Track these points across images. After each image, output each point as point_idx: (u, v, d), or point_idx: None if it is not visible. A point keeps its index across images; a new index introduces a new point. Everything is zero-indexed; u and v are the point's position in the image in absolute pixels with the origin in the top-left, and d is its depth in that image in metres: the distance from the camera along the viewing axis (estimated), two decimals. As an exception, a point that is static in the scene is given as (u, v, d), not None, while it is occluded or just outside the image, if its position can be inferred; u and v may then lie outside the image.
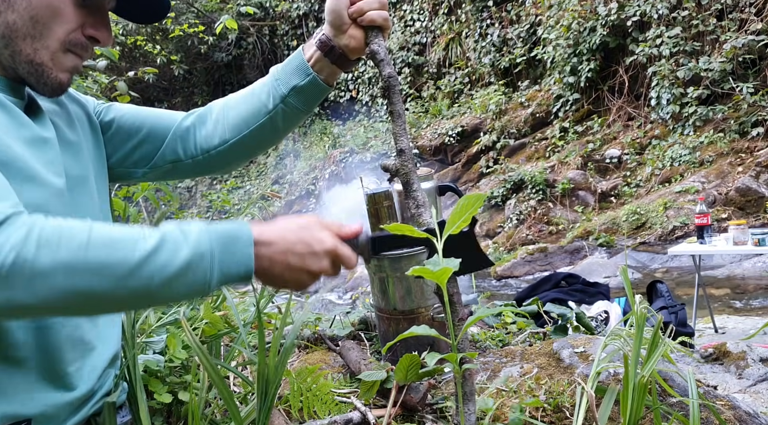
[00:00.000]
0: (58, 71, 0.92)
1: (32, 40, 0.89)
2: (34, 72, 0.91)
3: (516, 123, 11.31)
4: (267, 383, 1.14)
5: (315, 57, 1.08)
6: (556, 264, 8.15)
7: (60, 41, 0.91)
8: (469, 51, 12.91)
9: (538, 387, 1.37)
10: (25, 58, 0.90)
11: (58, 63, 0.92)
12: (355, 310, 2.14)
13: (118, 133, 1.13)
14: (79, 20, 0.92)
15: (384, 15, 1.05)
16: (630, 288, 1.22)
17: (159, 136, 1.15)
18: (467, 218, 0.92)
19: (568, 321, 1.91)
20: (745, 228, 4.48)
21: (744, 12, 9.02)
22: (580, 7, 10.23)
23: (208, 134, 1.15)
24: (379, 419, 1.30)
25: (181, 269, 0.76)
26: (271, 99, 1.10)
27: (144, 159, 1.15)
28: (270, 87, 1.11)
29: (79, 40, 0.93)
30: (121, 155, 1.14)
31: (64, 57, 0.92)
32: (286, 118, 1.12)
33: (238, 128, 1.13)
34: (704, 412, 1.21)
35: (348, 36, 1.06)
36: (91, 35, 0.94)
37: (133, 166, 1.15)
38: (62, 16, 0.90)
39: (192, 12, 14.63)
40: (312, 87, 1.10)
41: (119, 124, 1.13)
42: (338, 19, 1.06)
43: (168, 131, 1.15)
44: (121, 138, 1.13)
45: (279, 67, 1.12)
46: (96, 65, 3.11)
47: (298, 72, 1.09)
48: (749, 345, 2.50)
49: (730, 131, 8.70)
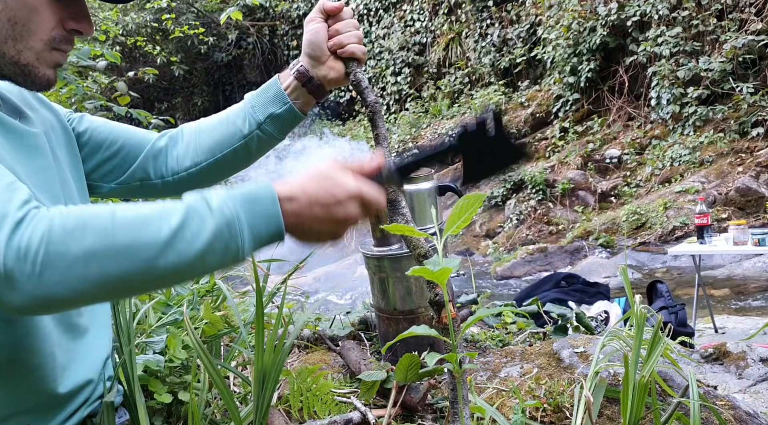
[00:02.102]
0: (45, 69, 0.92)
1: (14, 42, 0.88)
2: (21, 73, 0.91)
3: (516, 123, 11.31)
4: (264, 382, 1.14)
5: (292, 86, 1.11)
6: (556, 265, 8.15)
7: (43, 41, 0.90)
8: (469, 51, 12.91)
9: (538, 387, 1.37)
10: (10, 59, 0.89)
11: (44, 61, 0.92)
12: (355, 310, 2.14)
13: (88, 144, 1.13)
14: (57, 15, 0.91)
15: (362, 49, 1.09)
16: (630, 288, 1.22)
17: (131, 153, 1.15)
18: (467, 218, 0.92)
19: (568, 322, 1.92)
20: (745, 228, 4.48)
21: (744, 12, 9.02)
22: (580, 7, 10.23)
23: (179, 156, 1.16)
24: (379, 419, 1.30)
25: (210, 240, 0.74)
26: (247, 124, 1.13)
27: (112, 173, 1.15)
28: (246, 113, 1.13)
29: (62, 36, 0.92)
30: (90, 167, 1.13)
31: (49, 54, 0.92)
32: (260, 145, 1.15)
33: (211, 151, 1.15)
34: (704, 412, 1.21)
35: (327, 67, 1.10)
36: (73, 28, 0.93)
37: (100, 179, 1.15)
38: (40, 14, 0.89)
39: (192, 12, 14.63)
40: (288, 115, 1.12)
41: (92, 136, 1.14)
42: (317, 51, 1.09)
43: (141, 149, 1.16)
44: (92, 149, 1.13)
45: (254, 95, 1.15)
46: (96, 65, 3.11)
47: (275, 100, 1.12)
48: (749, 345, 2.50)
49: (730, 131, 8.70)
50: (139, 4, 14.07)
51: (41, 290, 0.68)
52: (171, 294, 1.64)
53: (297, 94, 1.12)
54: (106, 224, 0.71)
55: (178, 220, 0.74)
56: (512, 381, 1.41)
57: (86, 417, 1.01)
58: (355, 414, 1.33)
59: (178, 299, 1.60)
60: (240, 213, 0.77)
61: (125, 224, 0.72)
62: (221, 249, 0.76)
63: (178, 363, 1.33)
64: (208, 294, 1.74)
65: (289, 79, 1.11)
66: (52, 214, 0.70)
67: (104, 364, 1.07)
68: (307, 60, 1.10)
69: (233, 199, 0.78)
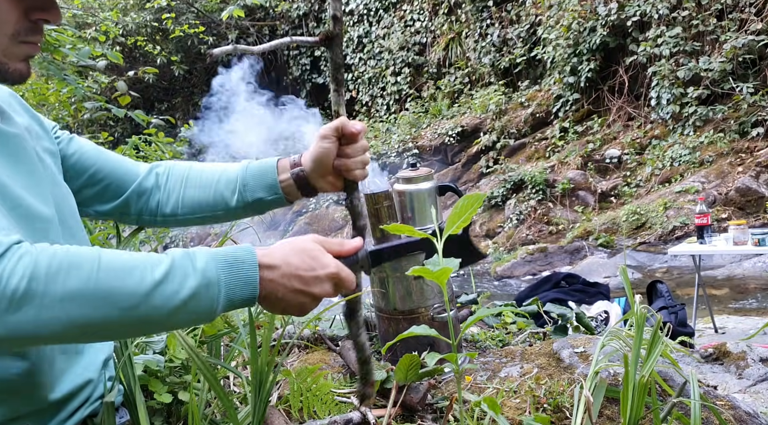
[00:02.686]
0: (15, 63, 0.90)
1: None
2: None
3: (516, 123, 11.31)
4: (261, 380, 1.14)
5: (287, 182, 1.15)
6: (556, 264, 8.15)
7: (8, 36, 0.88)
8: (469, 51, 12.91)
9: (538, 387, 1.37)
10: None
11: (12, 56, 0.89)
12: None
13: (73, 168, 1.12)
14: (19, 7, 0.88)
15: (365, 174, 1.12)
16: (630, 288, 1.22)
17: (114, 187, 1.16)
18: (467, 218, 0.92)
19: (568, 321, 1.92)
20: (745, 228, 4.48)
21: (744, 12, 9.02)
22: (580, 7, 10.23)
23: (161, 201, 1.18)
24: (379, 419, 1.30)
25: (188, 298, 0.76)
26: (234, 200, 1.16)
27: (91, 201, 1.16)
28: (236, 188, 1.16)
29: (28, 27, 0.89)
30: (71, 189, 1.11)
31: (17, 48, 0.89)
32: (241, 215, 1.20)
33: (191, 208, 1.18)
34: (704, 412, 1.21)
35: (326, 181, 1.13)
36: (39, 18, 0.90)
37: (78, 203, 1.12)
38: (1, 9, 0.86)
39: (192, 12, 14.63)
40: (275, 203, 1.17)
41: (78, 160, 1.13)
42: (322, 168, 1.11)
43: (126, 187, 1.17)
44: (76, 173, 1.13)
45: (250, 172, 1.16)
46: (96, 65, 3.11)
47: (268, 189, 1.15)
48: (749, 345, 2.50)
49: (730, 131, 8.70)
50: (139, 4, 14.08)
51: (13, 326, 0.67)
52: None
53: (289, 191, 1.15)
54: (91, 268, 0.71)
55: (161, 274, 0.75)
56: (512, 381, 1.41)
57: (87, 416, 1.01)
58: (355, 414, 1.33)
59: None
60: (221, 276, 0.79)
61: (110, 271, 0.72)
62: (195, 308, 0.77)
63: (178, 363, 1.33)
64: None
65: (287, 175, 1.14)
66: (37, 251, 0.70)
67: (105, 364, 1.07)
68: (309, 169, 1.12)
69: (217, 261, 0.80)
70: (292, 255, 0.86)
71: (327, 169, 1.10)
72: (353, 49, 14.91)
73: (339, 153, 1.09)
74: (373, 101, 14.63)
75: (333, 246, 0.92)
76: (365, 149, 1.11)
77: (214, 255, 0.80)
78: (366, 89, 14.71)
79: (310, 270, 0.86)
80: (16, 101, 1.06)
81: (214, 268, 0.79)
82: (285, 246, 0.88)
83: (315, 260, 0.87)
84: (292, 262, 0.85)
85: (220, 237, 1.79)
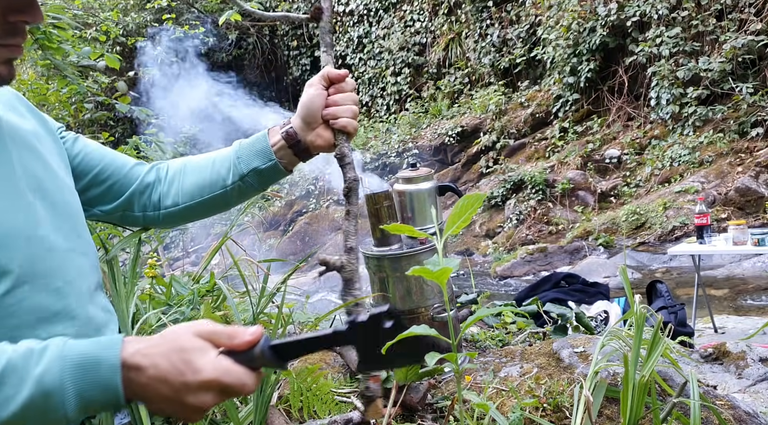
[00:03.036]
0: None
1: None
2: None
3: (516, 123, 11.31)
4: (261, 380, 1.14)
5: (279, 144, 1.11)
6: (555, 264, 8.16)
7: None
8: (469, 51, 12.91)
9: (537, 386, 1.37)
10: None
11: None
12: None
13: (78, 168, 1.11)
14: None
15: (354, 124, 1.08)
16: (629, 288, 1.22)
17: (118, 186, 1.15)
18: (467, 218, 0.92)
19: (568, 321, 1.92)
20: (744, 228, 4.49)
21: (744, 12, 9.02)
22: (580, 8, 10.23)
23: (163, 194, 1.16)
24: (379, 419, 1.30)
25: (23, 407, 0.69)
26: (230, 175, 1.13)
27: (97, 200, 1.14)
28: (231, 163, 1.14)
29: (6, 29, 0.86)
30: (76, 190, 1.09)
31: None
32: (240, 194, 1.16)
33: (191, 194, 1.15)
34: (704, 412, 1.21)
35: (316, 134, 1.09)
36: (18, 19, 0.86)
37: (85, 203, 1.11)
38: None
39: (192, 12, 14.63)
40: (271, 171, 1.13)
41: (83, 160, 1.12)
42: (310, 117, 1.08)
43: (130, 184, 1.15)
44: (81, 173, 1.11)
45: (243, 145, 1.14)
46: (96, 65, 3.11)
47: (260, 155, 1.12)
48: (749, 345, 2.50)
49: (730, 131, 8.70)
50: (140, 4, 14.08)
51: None
52: (171, 294, 1.64)
53: (283, 154, 1.11)
54: None
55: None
56: (512, 381, 1.41)
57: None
58: (355, 413, 1.33)
59: (178, 299, 1.61)
60: (66, 382, 0.70)
61: None
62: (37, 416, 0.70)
63: (179, 363, 1.33)
64: (208, 293, 1.74)
65: (277, 136, 1.11)
66: None
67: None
68: (298, 122, 1.10)
69: (63, 364, 0.71)
70: (161, 358, 0.73)
71: (315, 118, 1.07)
72: (353, 49, 14.92)
73: (328, 102, 1.07)
74: (373, 101, 14.63)
75: (222, 338, 0.76)
76: (354, 100, 1.09)
77: (63, 354, 0.72)
78: (366, 89, 14.71)
79: (179, 375, 0.72)
80: (21, 103, 1.05)
81: (58, 372, 0.70)
82: (162, 342, 0.75)
83: (187, 364, 0.73)
84: (160, 365, 0.73)
85: (220, 237, 1.79)
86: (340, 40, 14.90)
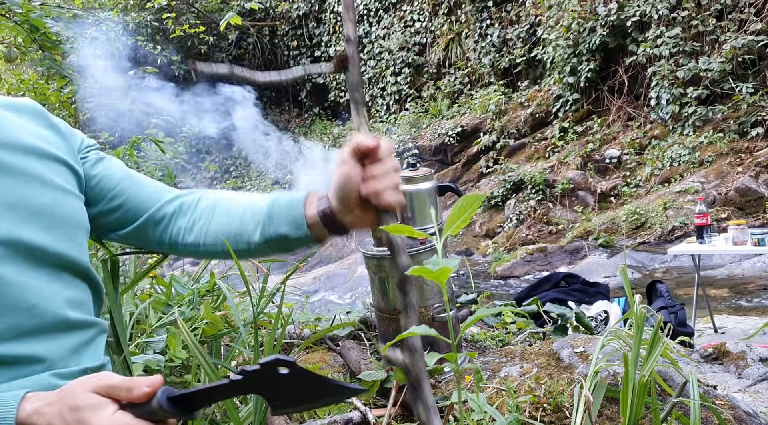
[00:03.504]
0: None
1: None
2: None
3: (516, 123, 11.32)
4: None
5: (314, 220, 1.00)
6: (555, 264, 8.16)
7: None
8: (469, 51, 12.92)
9: (537, 386, 1.37)
10: None
11: None
12: (355, 310, 2.14)
13: (93, 191, 1.05)
14: None
15: (400, 198, 0.91)
16: (629, 288, 1.22)
17: (132, 212, 1.08)
18: (467, 218, 0.92)
19: (568, 321, 1.92)
20: (744, 228, 4.48)
21: (744, 12, 9.02)
22: (580, 8, 10.24)
23: (185, 228, 1.09)
24: (379, 419, 1.30)
25: None
26: (257, 233, 1.05)
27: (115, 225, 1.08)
28: (262, 222, 1.05)
29: None
30: (94, 213, 1.05)
31: None
32: (263, 252, 1.08)
33: (214, 241, 1.07)
34: (704, 412, 1.21)
35: (355, 216, 0.96)
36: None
37: (105, 227, 1.07)
38: None
39: (192, 12, 14.63)
40: (301, 242, 1.04)
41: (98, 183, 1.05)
42: (346, 200, 0.94)
43: (144, 211, 1.08)
44: (96, 196, 1.06)
45: (278, 204, 1.04)
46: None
47: (293, 224, 1.02)
48: (749, 345, 2.50)
49: (730, 131, 8.71)
50: (140, 4, 14.09)
51: None
52: (171, 294, 1.64)
53: (317, 229, 1.01)
54: None
55: None
56: (512, 381, 1.41)
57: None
58: (355, 413, 1.33)
59: (178, 299, 1.61)
60: None
61: None
62: None
63: (179, 363, 1.33)
64: (208, 293, 1.74)
65: (313, 211, 1.00)
66: None
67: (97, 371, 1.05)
68: (335, 203, 0.96)
69: None
70: (56, 415, 0.72)
71: (352, 198, 0.92)
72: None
73: (365, 177, 0.91)
74: (373, 101, 14.64)
75: (121, 392, 0.73)
76: (396, 168, 0.92)
77: None
78: (366, 89, 14.71)
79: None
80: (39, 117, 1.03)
81: None
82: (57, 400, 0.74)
83: (81, 423, 0.71)
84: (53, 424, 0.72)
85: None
86: (340, 40, 14.90)
